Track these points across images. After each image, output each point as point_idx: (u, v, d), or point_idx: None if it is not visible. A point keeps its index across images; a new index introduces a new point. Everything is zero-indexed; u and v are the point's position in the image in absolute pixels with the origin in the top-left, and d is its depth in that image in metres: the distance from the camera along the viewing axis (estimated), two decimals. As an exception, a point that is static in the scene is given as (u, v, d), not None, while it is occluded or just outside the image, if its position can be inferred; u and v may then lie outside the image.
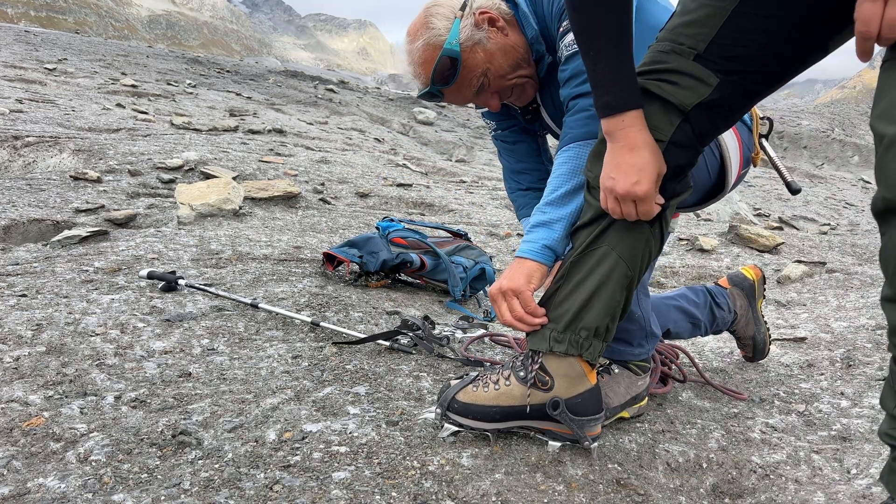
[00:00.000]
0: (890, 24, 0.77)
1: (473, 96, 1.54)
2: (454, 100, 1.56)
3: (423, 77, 1.50)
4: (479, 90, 1.53)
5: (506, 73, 1.51)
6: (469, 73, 1.48)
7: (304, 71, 19.48)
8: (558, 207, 1.36)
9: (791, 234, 4.92)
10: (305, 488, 1.15)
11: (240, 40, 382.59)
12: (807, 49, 1.08)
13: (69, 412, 1.34)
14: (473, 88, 1.51)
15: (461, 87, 1.51)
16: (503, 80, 1.52)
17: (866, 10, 0.79)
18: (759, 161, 1.53)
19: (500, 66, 1.49)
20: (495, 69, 1.49)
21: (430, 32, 1.47)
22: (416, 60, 1.50)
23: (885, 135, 0.79)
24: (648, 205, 1.15)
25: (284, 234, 3.31)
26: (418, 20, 1.51)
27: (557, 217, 1.35)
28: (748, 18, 1.05)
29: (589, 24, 1.11)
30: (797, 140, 17.25)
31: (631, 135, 1.11)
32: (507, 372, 1.36)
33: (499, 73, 1.50)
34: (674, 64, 1.10)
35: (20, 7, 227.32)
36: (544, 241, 1.35)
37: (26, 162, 4.48)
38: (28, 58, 10.68)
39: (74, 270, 2.25)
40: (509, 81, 1.53)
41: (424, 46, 1.47)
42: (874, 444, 1.49)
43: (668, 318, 1.79)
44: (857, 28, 0.80)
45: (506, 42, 1.49)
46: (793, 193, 1.37)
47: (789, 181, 1.39)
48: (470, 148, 11.16)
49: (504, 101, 1.60)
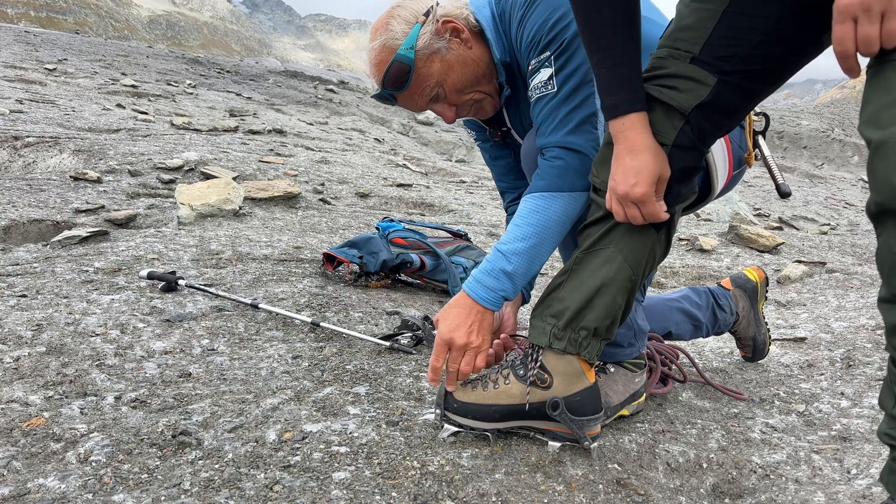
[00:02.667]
0: (864, 41, 0.81)
1: (427, 104, 1.49)
2: (407, 105, 1.51)
3: (376, 78, 1.45)
4: (434, 100, 1.48)
5: (463, 87, 1.46)
6: (423, 82, 1.43)
7: (304, 71, 19.48)
8: (523, 259, 1.33)
9: (791, 234, 4.92)
10: (305, 488, 1.15)
11: (240, 40, 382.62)
12: (800, 45, 1.09)
13: (69, 412, 1.34)
14: (426, 98, 1.46)
15: (413, 94, 1.46)
16: (460, 95, 1.47)
17: (838, 32, 0.82)
18: (753, 160, 1.49)
19: (458, 80, 1.44)
20: (452, 82, 1.44)
21: (388, 34, 1.42)
22: (371, 60, 1.46)
23: (871, 139, 0.81)
24: (650, 207, 1.15)
25: (284, 234, 3.31)
26: (380, 19, 1.46)
27: (522, 272, 1.34)
28: (739, 18, 1.07)
29: (592, 29, 1.14)
30: (797, 140, 17.25)
31: (631, 137, 1.13)
32: (506, 371, 1.36)
33: (455, 87, 1.45)
34: (671, 68, 1.13)
35: (20, 7, 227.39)
36: (503, 293, 1.35)
37: (26, 162, 4.49)
38: (28, 58, 10.69)
39: (74, 271, 2.25)
40: (466, 96, 1.48)
41: (380, 48, 1.42)
42: (874, 445, 1.49)
43: (670, 319, 1.79)
44: (834, 49, 0.84)
45: (467, 55, 1.44)
46: (782, 197, 1.35)
47: (780, 183, 1.36)
48: (470, 148, 11.16)
49: (461, 116, 1.55)
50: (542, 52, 1.34)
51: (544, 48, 1.33)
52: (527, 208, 1.35)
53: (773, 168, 1.40)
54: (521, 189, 1.78)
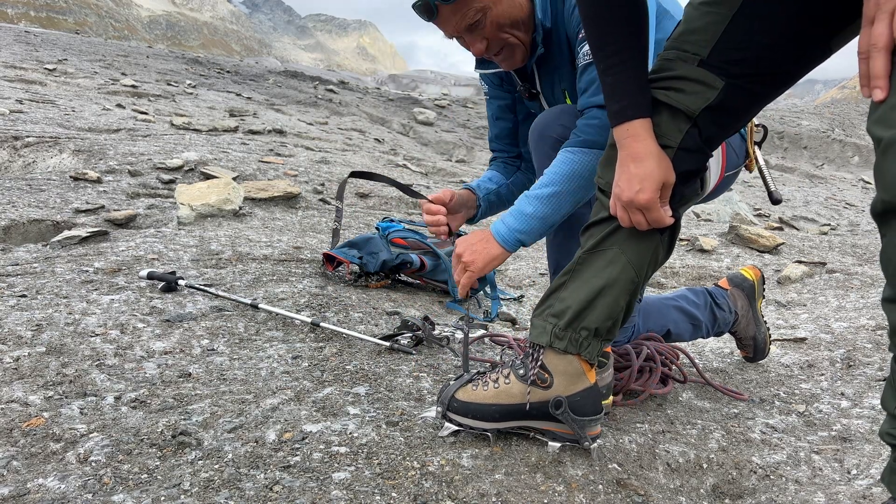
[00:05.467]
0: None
1: (464, 30, 1.51)
2: (445, 24, 1.51)
3: None
4: (473, 27, 1.50)
5: (504, 23, 1.50)
6: (472, 1, 1.46)
7: (304, 71, 19.48)
8: (544, 205, 1.44)
9: (791, 234, 4.92)
10: (305, 489, 1.15)
11: (240, 41, 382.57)
12: (808, 49, 1.10)
13: (69, 412, 1.34)
14: (468, 20, 1.48)
15: (458, 11, 1.47)
16: (498, 30, 1.51)
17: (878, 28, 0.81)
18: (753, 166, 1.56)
19: (502, 14, 1.49)
20: (496, 13, 1.48)
21: None
22: None
23: (882, 138, 0.81)
24: (654, 213, 1.16)
25: (284, 234, 3.31)
26: None
27: (540, 215, 1.44)
28: (749, 22, 1.07)
29: (600, 37, 1.15)
30: (797, 140, 17.25)
31: (635, 144, 1.14)
32: (506, 370, 1.36)
33: (497, 20, 1.49)
34: (679, 70, 1.14)
35: (20, 7, 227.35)
36: (519, 236, 1.46)
37: (26, 162, 4.48)
38: (28, 58, 10.69)
39: (74, 271, 2.25)
40: (504, 34, 1.52)
41: None
42: (874, 445, 1.49)
43: (669, 319, 1.79)
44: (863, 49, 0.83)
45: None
46: (773, 203, 1.40)
47: (772, 190, 1.44)
48: (470, 148, 11.16)
49: (490, 54, 1.58)
50: None
51: None
52: (559, 159, 1.44)
53: (766, 176, 1.49)
54: (508, 155, 1.92)
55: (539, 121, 1.61)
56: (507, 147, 1.91)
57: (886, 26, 0.79)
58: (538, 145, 1.61)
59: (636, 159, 1.14)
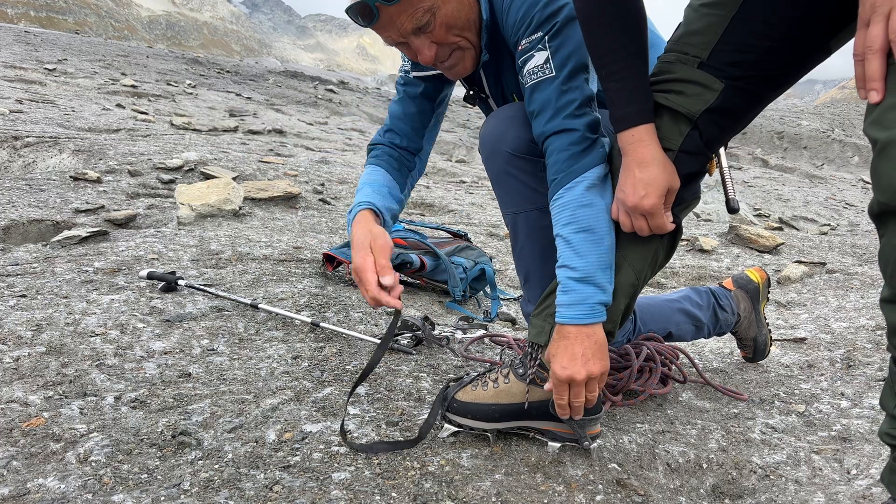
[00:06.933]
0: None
1: (410, 33, 1.30)
2: (386, 29, 1.31)
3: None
4: (420, 30, 1.30)
5: (453, 24, 1.32)
6: (418, 1, 1.26)
7: (303, 71, 19.48)
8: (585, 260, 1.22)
9: (791, 234, 4.92)
10: (305, 489, 1.15)
11: (240, 41, 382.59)
12: (807, 50, 1.10)
13: (69, 412, 1.34)
14: (415, 23, 1.28)
15: (402, 12, 1.26)
16: (448, 33, 1.33)
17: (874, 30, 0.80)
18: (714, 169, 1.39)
19: (451, 14, 1.31)
20: (445, 13, 1.30)
21: None
22: None
23: (878, 140, 0.81)
24: (658, 219, 1.17)
25: (284, 234, 3.31)
26: None
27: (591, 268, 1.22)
28: (748, 24, 1.08)
29: (601, 46, 1.15)
30: (797, 140, 17.26)
31: (640, 150, 1.14)
32: (505, 370, 1.36)
33: (447, 21, 1.31)
34: (679, 73, 1.14)
35: (20, 7, 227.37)
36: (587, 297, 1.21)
37: (26, 162, 4.48)
38: (28, 58, 10.69)
39: (74, 271, 2.25)
40: (454, 37, 1.34)
41: None
42: (874, 445, 1.49)
43: (671, 320, 1.78)
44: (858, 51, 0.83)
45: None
46: (730, 212, 1.33)
47: (730, 198, 1.32)
48: (470, 148, 11.16)
49: (440, 59, 1.38)
50: (535, 31, 1.28)
51: (536, 28, 1.28)
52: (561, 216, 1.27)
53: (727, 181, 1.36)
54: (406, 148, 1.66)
55: (487, 133, 1.48)
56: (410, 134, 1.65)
57: (882, 28, 0.79)
58: (491, 162, 1.49)
59: (641, 164, 1.14)
